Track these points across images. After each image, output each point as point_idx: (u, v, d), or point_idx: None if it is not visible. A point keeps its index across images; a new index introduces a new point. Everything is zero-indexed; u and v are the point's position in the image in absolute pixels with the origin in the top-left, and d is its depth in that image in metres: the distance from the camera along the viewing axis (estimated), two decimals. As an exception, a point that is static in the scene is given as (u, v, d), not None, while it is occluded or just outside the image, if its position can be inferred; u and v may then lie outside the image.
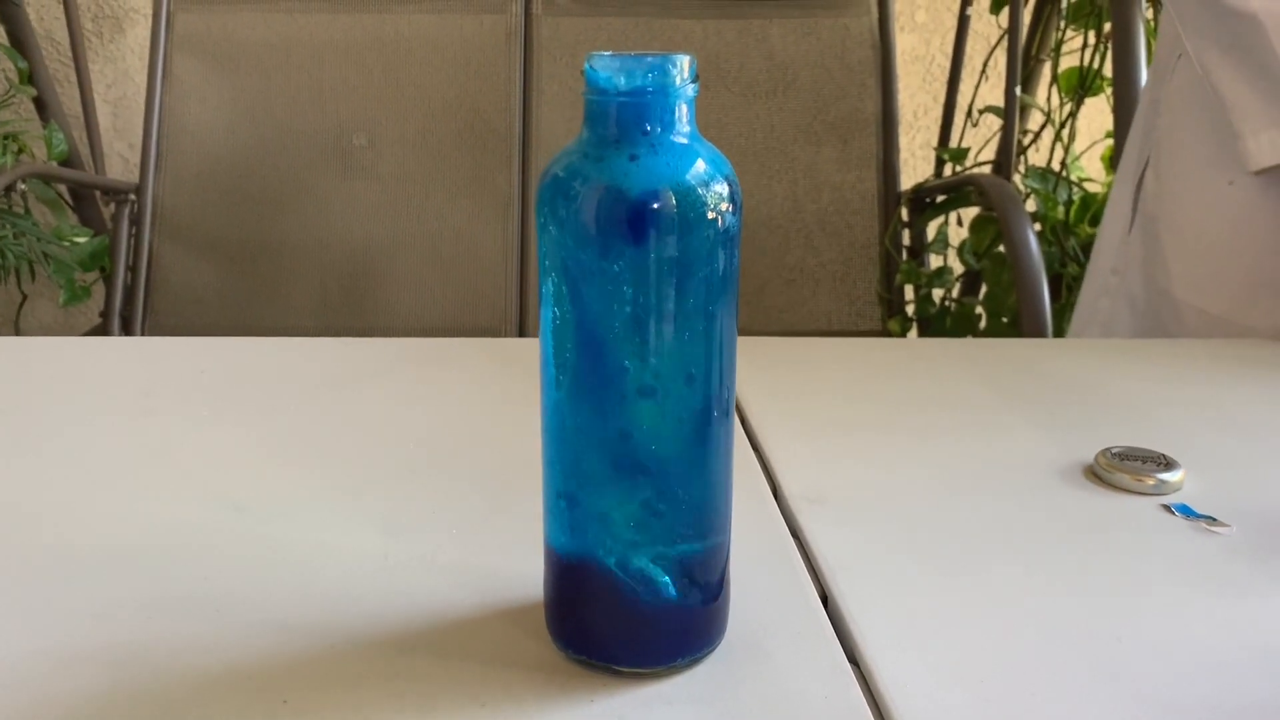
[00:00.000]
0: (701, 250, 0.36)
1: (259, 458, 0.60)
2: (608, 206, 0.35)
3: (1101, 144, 1.79)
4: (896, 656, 0.42)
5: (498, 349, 0.81)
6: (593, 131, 0.37)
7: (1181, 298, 0.97)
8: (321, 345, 0.80)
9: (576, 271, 0.36)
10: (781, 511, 0.54)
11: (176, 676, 0.40)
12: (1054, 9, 1.65)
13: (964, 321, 1.68)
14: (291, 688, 0.40)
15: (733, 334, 0.39)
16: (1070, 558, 0.50)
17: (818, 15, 1.66)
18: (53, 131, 1.67)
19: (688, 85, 0.36)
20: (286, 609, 0.45)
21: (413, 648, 0.42)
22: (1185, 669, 0.42)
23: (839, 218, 1.65)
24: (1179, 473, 0.57)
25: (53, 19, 1.81)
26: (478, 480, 0.57)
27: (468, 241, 1.63)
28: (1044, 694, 0.40)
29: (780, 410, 0.67)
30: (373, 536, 0.51)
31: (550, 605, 0.42)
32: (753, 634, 0.43)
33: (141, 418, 0.65)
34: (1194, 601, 0.47)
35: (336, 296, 1.62)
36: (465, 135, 1.64)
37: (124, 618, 0.44)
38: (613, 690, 0.40)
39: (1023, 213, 1.37)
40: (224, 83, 1.63)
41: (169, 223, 1.62)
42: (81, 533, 0.51)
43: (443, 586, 0.46)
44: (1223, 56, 0.88)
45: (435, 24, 1.64)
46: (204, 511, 0.53)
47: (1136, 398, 0.71)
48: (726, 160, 0.38)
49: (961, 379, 0.73)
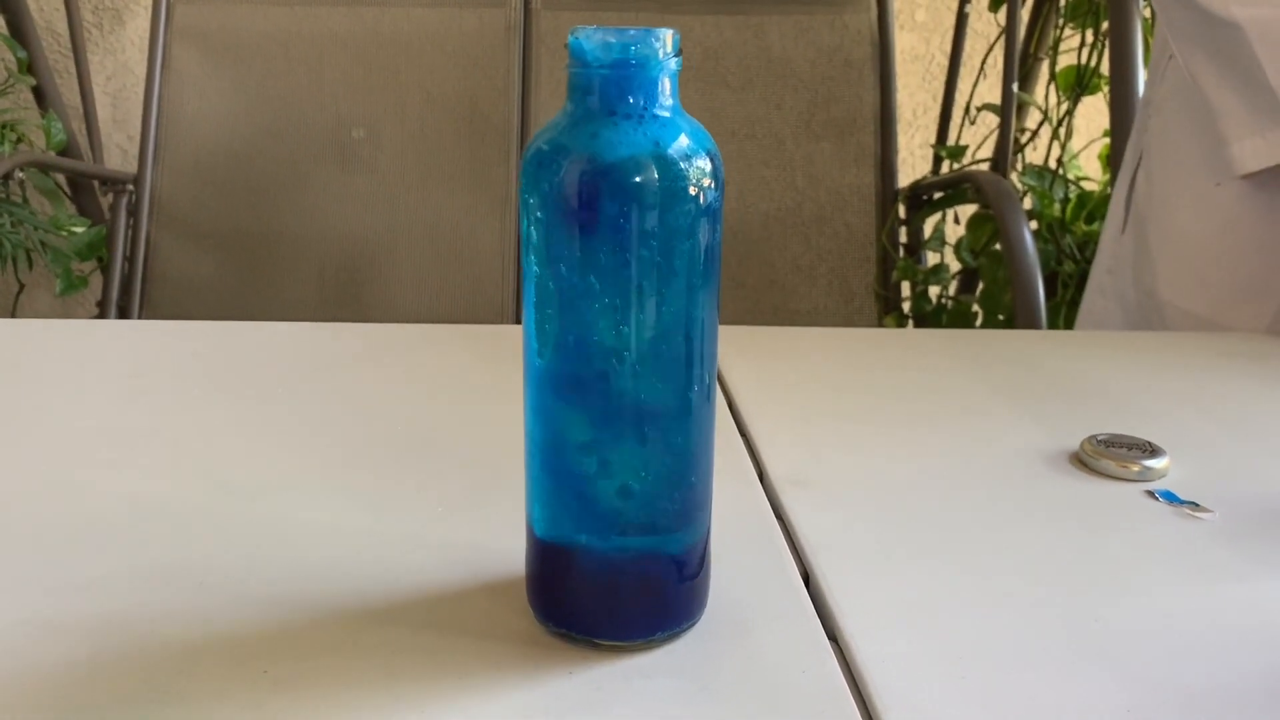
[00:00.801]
0: (682, 224, 0.37)
1: (247, 437, 0.60)
2: (589, 178, 0.36)
3: (1099, 143, 1.79)
4: (876, 635, 0.42)
5: (486, 334, 0.81)
6: (576, 104, 0.37)
7: (1167, 298, 0.97)
8: (312, 329, 0.80)
9: (557, 244, 0.37)
10: (766, 494, 0.55)
11: (156, 647, 0.40)
12: (1052, 7, 1.65)
13: (960, 319, 1.68)
14: (273, 658, 0.40)
15: (714, 311, 0.39)
16: (1053, 541, 0.50)
17: (817, 12, 1.66)
18: (51, 121, 1.68)
19: (670, 59, 0.36)
20: (270, 583, 0.45)
21: (395, 620, 0.42)
22: (1167, 650, 0.42)
23: (836, 215, 1.65)
24: (1164, 459, 0.57)
25: (53, 10, 1.82)
26: (465, 461, 0.57)
27: (465, 235, 1.63)
28: (1023, 673, 0.40)
29: (767, 396, 0.67)
30: (359, 514, 0.51)
31: (532, 579, 0.42)
32: (733, 611, 0.43)
33: (131, 397, 0.65)
34: (1176, 584, 0.47)
35: (334, 289, 1.63)
36: (463, 129, 1.64)
37: (104, 590, 0.44)
38: (592, 663, 0.40)
39: (1019, 209, 1.38)
40: (223, 75, 1.63)
41: (167, 213, 1.62)
42: (65, 508, 0.51)
43: (428, 563, 0.47)
44: (1208, 62, 0.88)
45: (434, 18, 1.65)
46: (191, 489, 0.53)
47: (1123, 388, 0.71)
48: (710, 136, 0.38)
49: (949, 369, 0.73)
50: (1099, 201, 1.65)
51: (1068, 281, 1.61)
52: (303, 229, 1.63)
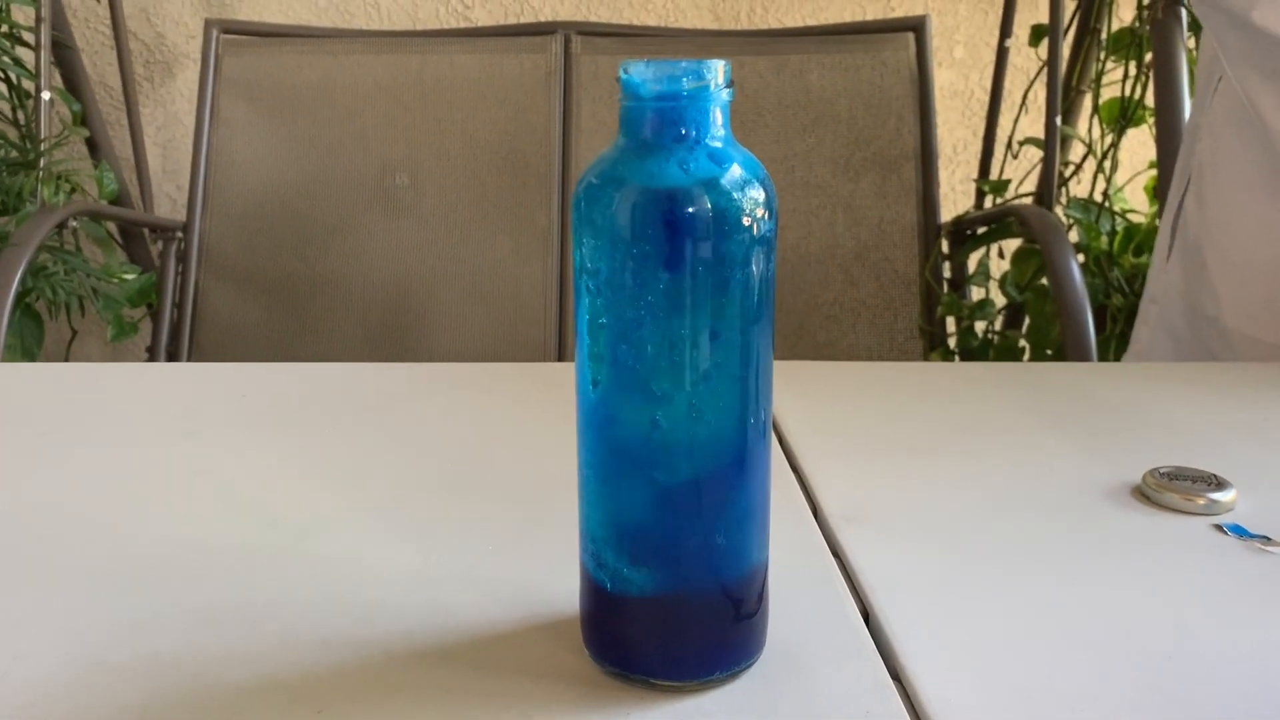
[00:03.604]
0: (737, 255, 0.36)
1: (298, 477, 0.60)
2: (643, 210, 0.35)
3: (1144, 175, 1.77)
4: (942, 675, 0.41)
5: (534, 373, 0.81)
6: (628, 137, 0.37)
7: (1233, 326, 0.94)
8: (359, 370, 0.80)
9: (610, 276, 0.36)
10: (821, 530, 0.54)
11: (210, 687, 0.40)
12: (1094, 40, 1.64)
13: (1007, 354, 1.66)
14: (326, 698, 0.39)
15: (769, 343, 0.39)
16: (1119, 576, 0.49)
17: (855, 52, 1.66)
18: (104, 171, 1.71)
19: (722, 90, 0.36)
20: (323, 622, 0.45)
21: (448, 660, 0.42)
22: (1239, 689, 0.41)
23: (878, 251, 1.64)
24: (1231, 492, 0.55)
25: (106, 65, 1.86)
26: (516, 498, 0.57)
27: (508, 278, 1.64)
28: (1092, 713, 0.39)
29: (819, 431, 0.66)
30: (410, 553, 0.51)
31: (586, 618, 0.42)
32: (792, 649, 0.42)
33: (182, 438, 0.65)
34: (1252, 622, 0.45)
35: (378, 333, 1.64)
36: (505, 173, 1.65)
37: (159, 629, 0.44)
38: (649, 704, 0.39)
39: (1066, 242, 1.36)
40: (269, 124, 1.66)
41: (215, 260, 1.65)
42: (120, 548, 0.51)
43: (480, 601, 0.46)
44: (1264, 83, 0.87)
45: (476, 64, 1.67)
46: (243, 528, 0.53)
47: (1183, 420, 0.69)
48: (762, 166, 0.38)
49: (1002, 402, 0.72)
50: (1147, 234, 1.63)
51: (1116, 315, 1.59)
52: (347, 274, 1.64)
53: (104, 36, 1.85)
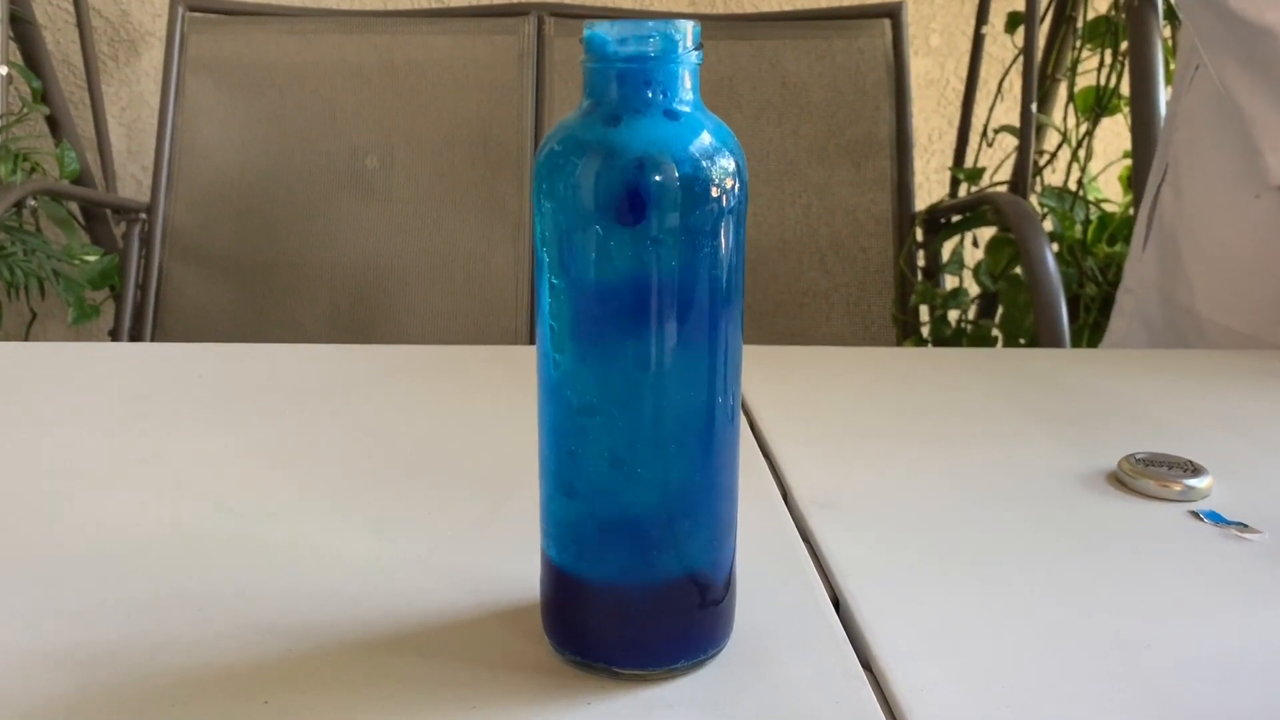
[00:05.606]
0: (705, 226, 0.35)
1: (251, 461, 0.58)
2: (606, 177, 0.34)
3: (1118, 165, 1.77)
4: (913, 663, 0.40)
5: (499, 355, 0.79)
6: (592, 101, 0.35)
7: (1206, 315, 0.94)
8: (320, 352, 0.78)
9: (572, 247, 0.35)
10: (791, 515, 0.52)
11: (153, 676, 0.38)
12: (1070, 28, 1.64)
13: (980, 343, 1.66)
14: (274, 688, 0.38)
15: (738, 322, 0.37)
16: (1094, 563, 0.48)
17: (831, 38, 1.65)
18: (64, 150, 1.68)
19: (690, 52, 0.35)
20: (273, 610, 0.43)
21: (402, 649, 0.40)
22: (1216, 677, 0.40)
23: (853, 240, 1.63)
24: (1207, 479, 0.55)
25: (69, 43, 1.82)
26: (475, 483, 0.55)
27: (478, 261, 1.61)
28: (1066, 701, 0.38)
29: (791, 416, 0.65)
30: (365, 539, 0.49)
31: (547, 605, 0.40)
32: (760, 638, 0.41)
33: (133, 420, 0.63)
34: (1228, 608, 0.44)
35: (347, 317, 1.61)
36: (477, 156, 1.63)
37: (101, 617, 0.42)
38: (611, 693, 0.38)
39: (1040, 230, 1.35)
40: (236, 104, 1.63)
41: (179, 242, 1.61)
42: (62, 534, 0.49)
43: (437, 588, 0.44)
44: (1241, 70, 0.86)
45: (447, 45, 1.64)
46: (191, 513, 0.51)
47: (1158, 407, 0.68)
48: (732, 134, 0.36)
49: (976, 388, 0.71)
50: (1120, 223, 1.63)
51: (1090, 304, 1.58)
52: (315, 257, 1.62)
53: (66, 14, 1.80)
